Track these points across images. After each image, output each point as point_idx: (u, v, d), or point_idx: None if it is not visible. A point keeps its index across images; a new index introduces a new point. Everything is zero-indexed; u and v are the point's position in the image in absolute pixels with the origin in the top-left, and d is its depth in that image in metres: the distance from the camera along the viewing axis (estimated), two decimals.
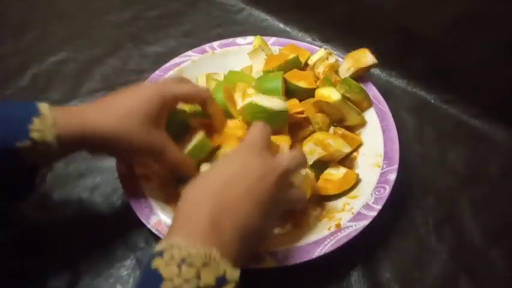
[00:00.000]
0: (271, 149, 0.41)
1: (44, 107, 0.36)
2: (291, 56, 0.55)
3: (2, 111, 0.34)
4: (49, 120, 0.34)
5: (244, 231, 0.33)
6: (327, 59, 0.55)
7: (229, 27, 0.72)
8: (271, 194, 0.35)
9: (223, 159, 0.39)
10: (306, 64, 0.57)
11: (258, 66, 0.57)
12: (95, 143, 0.38)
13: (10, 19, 0.74)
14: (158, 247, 0.30)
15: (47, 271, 0.44)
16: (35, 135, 0.33)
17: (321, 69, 0.55)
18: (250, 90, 0.50)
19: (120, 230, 0.47)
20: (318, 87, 0.52)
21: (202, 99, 0.45)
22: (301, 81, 0.52)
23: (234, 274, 0.30)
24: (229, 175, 0.35)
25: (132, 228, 0.47)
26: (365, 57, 0.54)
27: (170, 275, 0.28)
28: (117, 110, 0.39)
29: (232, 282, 0.30)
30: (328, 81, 0.53)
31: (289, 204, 0.39)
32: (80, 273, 0.44)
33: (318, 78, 0.55)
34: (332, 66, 0.55)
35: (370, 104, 0.53)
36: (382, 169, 0.47)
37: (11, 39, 0.70)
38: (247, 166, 0.35)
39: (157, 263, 0.29)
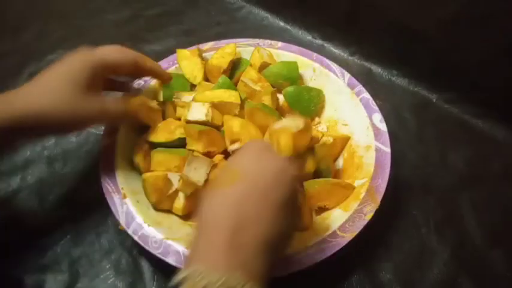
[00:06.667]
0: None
1: None
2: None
3: None
4: None
5: (268, 241, 0.31)
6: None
7: (228, 26, 0.71)
8: (288, 194, 0.33)
9: (233, 162, 0.36)
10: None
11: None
12: (31, 128, 0.38)
13: (8, 18, 0.74)
14: (179, 276, 0.28)
15: (45, 272, 0.44)
16: None
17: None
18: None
19: (118, 230, 0.46)
20: None
21: (132, 60, 0.44)
22: None
23: None
24: (245, 182, 0.32)
25: None
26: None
27: None
28: (45, 87, 0.39)
29: None
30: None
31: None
32: (79, 274, 0.44)
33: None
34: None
35: None
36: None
37: (9, 38, 0.69)
38: (261, 168, 0.33)
39: None
